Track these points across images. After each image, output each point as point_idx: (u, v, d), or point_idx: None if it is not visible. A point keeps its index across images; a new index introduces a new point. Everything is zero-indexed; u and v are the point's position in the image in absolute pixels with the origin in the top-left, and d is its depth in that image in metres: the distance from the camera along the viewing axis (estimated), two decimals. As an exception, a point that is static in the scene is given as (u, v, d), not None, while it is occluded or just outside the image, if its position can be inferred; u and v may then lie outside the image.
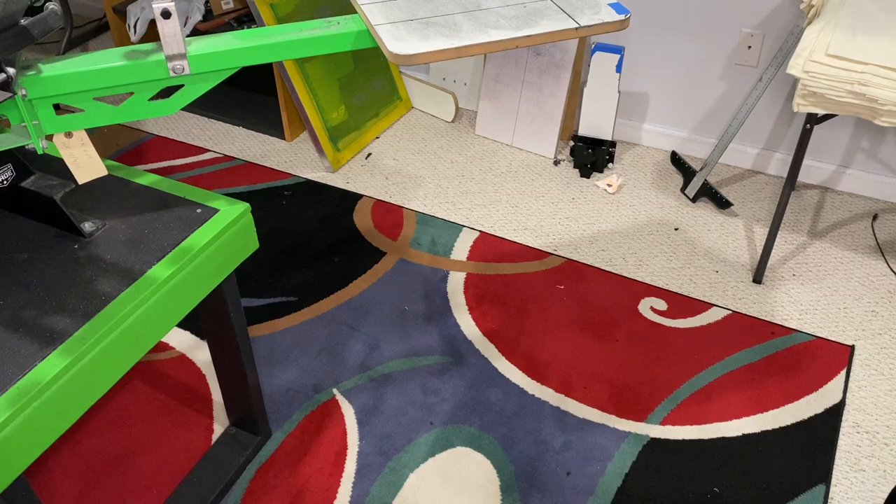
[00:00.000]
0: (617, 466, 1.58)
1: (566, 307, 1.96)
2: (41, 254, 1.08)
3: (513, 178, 2.44)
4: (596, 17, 1.02)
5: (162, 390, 1.73)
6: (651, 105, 2.53)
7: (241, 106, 2.76)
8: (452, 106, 2.69)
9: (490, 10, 1.02)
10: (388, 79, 2.72)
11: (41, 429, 0.92)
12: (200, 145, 2.60)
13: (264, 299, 1.97)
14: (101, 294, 1.02)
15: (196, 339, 1.86)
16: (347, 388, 1.74)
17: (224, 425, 1.65)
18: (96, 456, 1.60)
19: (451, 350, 1.83)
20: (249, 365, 1.46)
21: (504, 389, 1.74)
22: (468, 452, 1.61)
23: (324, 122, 2.45)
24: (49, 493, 1.52)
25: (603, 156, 2.43)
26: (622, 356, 1.82)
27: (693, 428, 1.65)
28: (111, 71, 0.95)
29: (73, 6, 3.31)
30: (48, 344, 0.94)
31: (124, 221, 1.15)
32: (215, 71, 0.98)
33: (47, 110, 0.96)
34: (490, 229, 2.22)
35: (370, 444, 1.62)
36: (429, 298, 1.98)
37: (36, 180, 1.11)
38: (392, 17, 1.00)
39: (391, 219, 2.26)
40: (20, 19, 0.87)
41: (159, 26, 0.90)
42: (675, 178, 2.44)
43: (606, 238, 2.20)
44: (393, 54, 0.94)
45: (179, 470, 1.57)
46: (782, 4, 2.16)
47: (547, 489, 1.54)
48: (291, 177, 2.44)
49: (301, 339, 1.86)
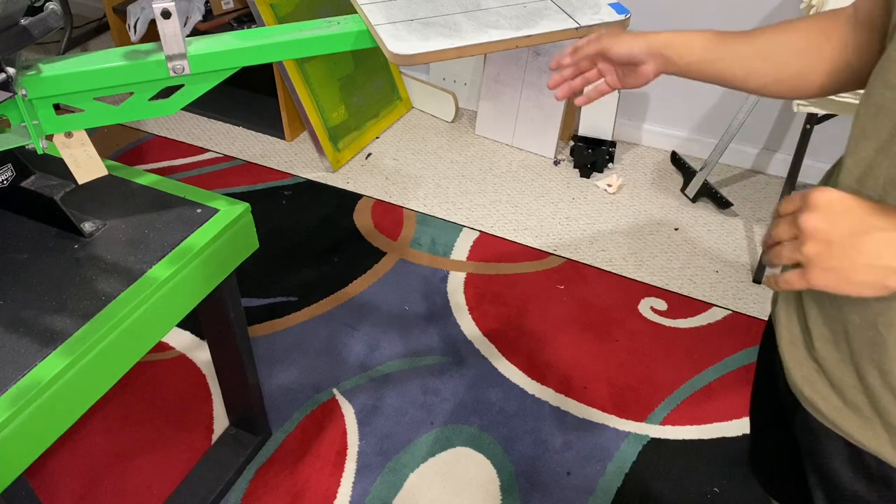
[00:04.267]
0: (617, 466, 1.58)
1: (566, 307, 1.96)
2: (41, 254, 1.08)
3: (513, 178, 2.44)
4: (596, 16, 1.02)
5: (162, 390, 1.73)
6: (651, 105, 2.53)
7: (241, 106, 2.76)
8: (452, 106, 2.69)
9: (490, 10, 1.02)
10: (388, 79, 2.72)
11: (41, 429, 0.92)
12: (200, 145, 2.60)
13: (264, 299, 1.97)
14: (101, 294, 1.02)
15: (196, 339, 1.86)
16: (347, 388, 1.74)
17: (224, 425, 1.65)
18: (96, 456, 1.59)
19: (451, 350, 1.83)
20: (249, 365, 1.46)
21: (504, 389, 1.74)
22: (468, 452, 1.61)
23: (324, 122, 2.45)
24: (49, 493, 1.52)
25: (603, 156, 2.43)
26: (622, 356, 1.82)
27: (693, 428, 1.65)
28: (111, 71, 0.94)
29: (73, 6, 3.31)
30: (48, 344, 0.94)
31: (124, 221, 1.15)
32: (215, 71, 0.98)
33: (47, 110, 0.96)
34: (490, 229, 2.22)
35: (370, 444, 1.62)
36: (429, 298, 1.98)
37: (36, 180, 1.11)
38: (392, 17, 1.00)
39: (391, 219, 2.26)
40: (20, 19, 0.87)
41: (159, 26, 0.90)
42: (675, 178, 2.44)
43: (606, 238, 2.20)
44: (393, 54, 0.94)
45: (179, 470, 1.57)
46: (782, 4, 2.16)
47: (547, 489, 1.54)
48: (291, 177, 2.44)
49: (301, 339, 1.86)
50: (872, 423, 0.68)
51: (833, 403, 0.71)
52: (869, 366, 0.66)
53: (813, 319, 0.71)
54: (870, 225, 0.56)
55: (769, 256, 0.63)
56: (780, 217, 0.62)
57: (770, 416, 0.91)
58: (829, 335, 0.70)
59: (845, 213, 0.57)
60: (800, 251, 0.58)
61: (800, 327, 0.74)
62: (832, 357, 0.70)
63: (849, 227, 0.56)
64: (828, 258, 0.57)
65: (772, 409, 0.89)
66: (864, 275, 0.56)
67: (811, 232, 0.57)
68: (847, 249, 0.56)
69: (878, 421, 0.68)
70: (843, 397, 0.70)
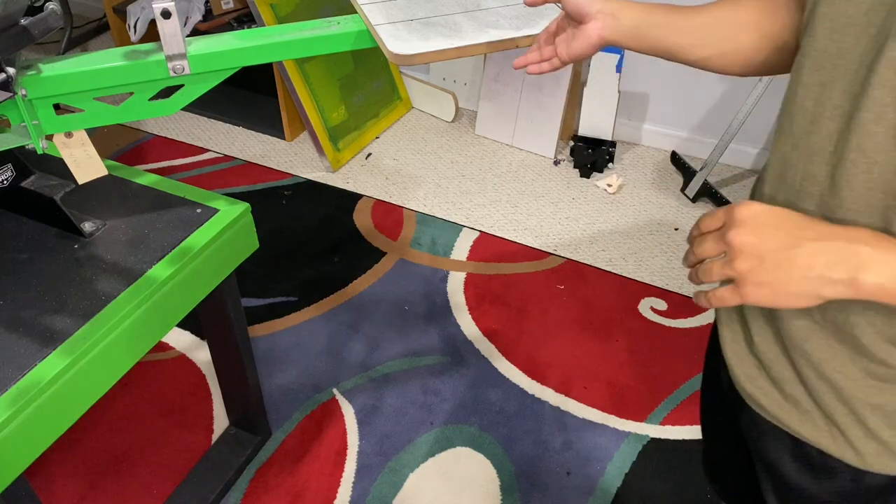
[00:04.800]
0: (617, 466, 1.58)
1: (566, 307, 1.96)
2: (41, 254, 1.08)
3: (513, 178, 2.44)
4: (596, 16, 1.02)
5: (162, 390, 1.73)
6: (651, 105, 2.53)
7: (241, 106, 2.76)
8: (452, 106, 2.69)
9: (490, 10, 1.02)
10: (388, 79, 2.72)
11: (41, 429, 0.92)
12: (200, 145, 2.60)
13: (264, 299, 1.97)
14: (101, 294, 1.02)
15: (196, 339, 1.86)
16: (347, 388, 1.74)
17: (224, 425, 1.65)
18: (96, 456, 1.59)
19: (451, 350, 1.83)
20: (249, 365, 1.46)
21: (504, 389, 1.74)
22: (468, 452, 1.61)
23: (324, 122, 2.45)
24: (49, 493, 1.52)
25: (603, 156, 2.43)
26: (622, 356, 1.82)
27: (693, 428, 1.65)
28: (111, 71, 0.94)
29: (73, 6, 3.31)
30: (48, 344, 0.94)
31: (124, 221, 1.15)
32: (215, 71, 0.98)
33: (47, 110, 0.96)
34: (490, 229, 2.22)
35: (370, 444, 1.62)
36: (429, 298, 1.98)
37: (36, 180, 1.11)
38: (392, 17, 0.99)
39: (391, 219, 2.26)
40: (20, 19, 0.87)
41: (159, 26, 0.90)
42: (675, 178, 2.44)
43: (606, 238, 2.20)
44: (393, 54, 0.94)
45: (179, 470, 1.57)
46: (782, 4, 2.16)
47: (547, 489, 1.54)
48: (291, 177, 2.44)
49: (301, 339, 1.86)
50: (812, 416, 0.69)
51: (774, 398, 0.72)
52: (802, 358, 0.67)
53: (752, 316, 0.72)
54: (800, 236, 0.56)
55: (697, 275, 0.62)
56: (702, 235, 0.62)
57: (719, 419, 0.92)
58: (767, 330, 0.71)
59: (774, 226, 0.57)
60: (731, 267, 0.58)
61: (740, 324, 0.75)
62: (771, 352, 0.71)
63: (779, 240, 0.56)
64: (761, 272, 0.56)
65: (720, 412, 0.90)
66: (797, 286, 0.56)
67: (741, 247, 0.57)
68: (779, 262, 0.56)
69: (818, 413, 0.69)
70: (783, 391, 0.71)
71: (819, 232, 0.56)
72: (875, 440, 0.66)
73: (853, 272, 0.54)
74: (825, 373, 0.66)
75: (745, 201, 0.59)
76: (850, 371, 0.65)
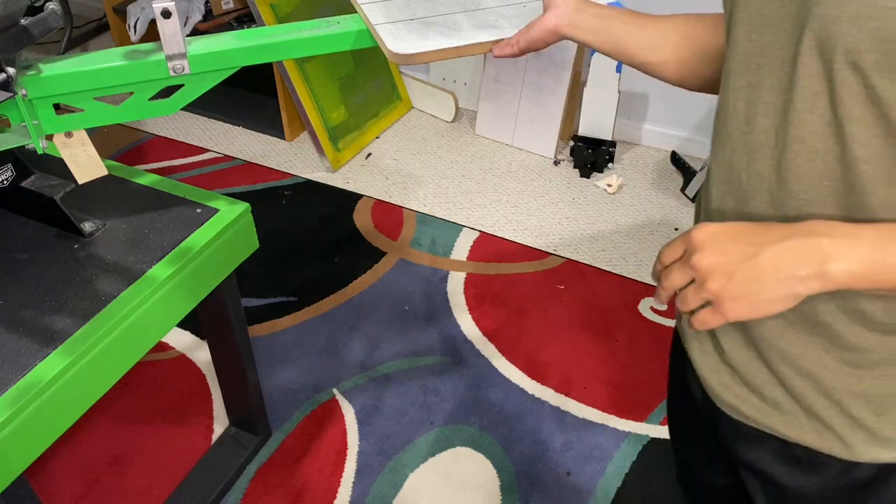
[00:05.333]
0: (617, 466, 1.58)
1: (566, 307, 1.96)
2: (41, 254, 1.08)
3: (513, 178, 2.44)
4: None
5: (162, 390, 1.73)
6: (651, 105, 2.53)
7: (241, 106, 2.76)
8: (452, 106, 2.69)
9: (489, 10, 1.02)
10: (388, 79, 2.72)
11: (41, 429, 0.92)
12: (200, 145, 2.60)
13: (264, 299, 1.97)
14: (101, 294, 1.02)
15: (196, 339, 1.86)
16: (347, 388, 1.74)
17: (224, 425, 1.65)
18: (96, 456, 1.59)
19: (451, 350, 1.83)
20: (249, 365, 1.46)
21: (504, 389, 1.74)
22: (468, 452, 1.61)
23: (324, 122, 2.45)
24: (49, 493, 1.52)
25: (603, 156, 2.43)
26: (622, 356, 1.82)
27: (693, 428, 1.65)
28: (111, 71, 0.94)
29: (73, 6, 3.31)
30: (48, 344, 0.94)
31: (124, 221, 1.15)
32: (215, 71, 0.98)
33: (47, 110, 0.96)
34: (490, 229, 2.22)
35: (370, 444, 1.62)
36: (429, 298, 1.98)
37: (36, 180, 1.11)
38: (392, 17, 0.99)
39: (391, 219, 2.26)
40: (20, 19, 0.87)
41: (159, 26, 0.90)
42: (675, 178, 2.44)
43: (606, 238, 2.20)
44: (393, 54, 0.94)
45: (179, 470, 1.57)
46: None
47: (547, 489, 1.54)
48: (291, 177, 2.44)
49: (301, 339, 1.86)
50: (795, 415, 0.69)
51: (753, 403, 0.72)
52: (777, 357, 0.67)
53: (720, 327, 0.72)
54: (759, 243, 0.56)
55: (679, 306, 0.62)
56: (666, 268, 0.62)
57: (691, 432, 0.91)
58: (738, 337, 0.71)
59: (733, 240, 0.57)
60: (704, 290, 0.58)
61: (708, 336, 0.75)
62: (743, 358, 0.71)
63: (741, 252, 0.57)
64: (733, 288, 0.57)
65: (692, 424, 0.89)
66: (771, 292, 0.56)
67: (708, 269, 0.58)
68: (749, 273, 0.56)
69: (801, 411, 0.69)
70: (762, 395, 0.71)
71: (777, 234, 0.56)
72: (862, 429, 0.66)
73: (820, 266, 0.54)
74: (803, 367, 0.66)
75: (698, 224, 0.60)
76: (827, 362, 0.65)
